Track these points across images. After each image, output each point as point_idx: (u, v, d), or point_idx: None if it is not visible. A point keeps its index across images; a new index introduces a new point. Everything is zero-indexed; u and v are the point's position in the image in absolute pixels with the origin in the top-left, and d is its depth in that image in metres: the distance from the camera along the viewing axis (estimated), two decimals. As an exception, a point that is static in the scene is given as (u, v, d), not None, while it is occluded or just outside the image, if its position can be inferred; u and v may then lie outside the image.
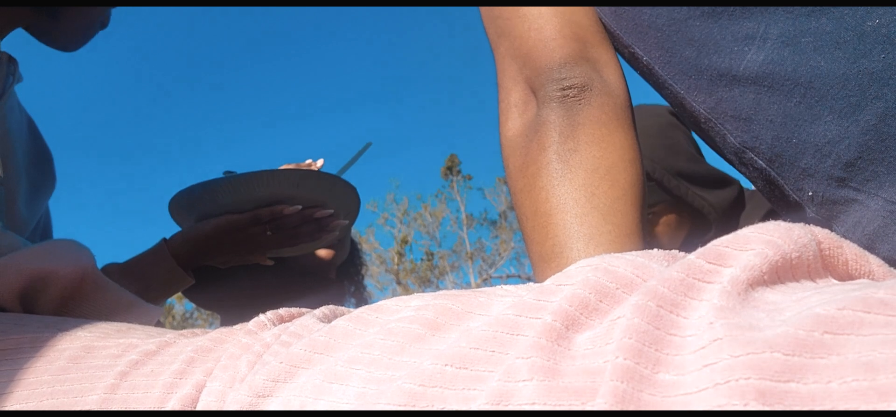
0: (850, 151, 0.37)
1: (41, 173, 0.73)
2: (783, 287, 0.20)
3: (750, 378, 0.16)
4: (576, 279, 0.22)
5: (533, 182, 0.45)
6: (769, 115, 0.40)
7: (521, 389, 0.19)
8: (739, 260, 0.20)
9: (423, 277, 15.74)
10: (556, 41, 0.46)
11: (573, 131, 0.44)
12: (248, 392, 0.24)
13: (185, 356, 0.29)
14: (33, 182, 0.70)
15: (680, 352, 0.18)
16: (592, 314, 0.21)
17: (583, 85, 0.45)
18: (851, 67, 0.37)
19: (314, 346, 0.25)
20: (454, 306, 0.24)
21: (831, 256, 0.21)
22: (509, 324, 0.21)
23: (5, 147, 0.62)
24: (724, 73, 0.42)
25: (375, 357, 0.23)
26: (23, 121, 0.70)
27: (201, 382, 0.28)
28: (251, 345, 0.28)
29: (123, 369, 0.30)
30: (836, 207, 0.40)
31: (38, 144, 0.74)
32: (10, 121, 0.65)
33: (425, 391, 0.20)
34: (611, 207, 0.42)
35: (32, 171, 0.70)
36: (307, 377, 0.24)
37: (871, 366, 0.15)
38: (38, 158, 0.73)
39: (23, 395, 0.31)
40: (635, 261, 0.22)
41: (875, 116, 0.36)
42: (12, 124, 0.66)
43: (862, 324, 0.16)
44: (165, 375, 0.29)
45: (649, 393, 0.17)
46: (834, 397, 0.15)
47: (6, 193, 0.61)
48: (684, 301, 0.19)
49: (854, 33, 0.37)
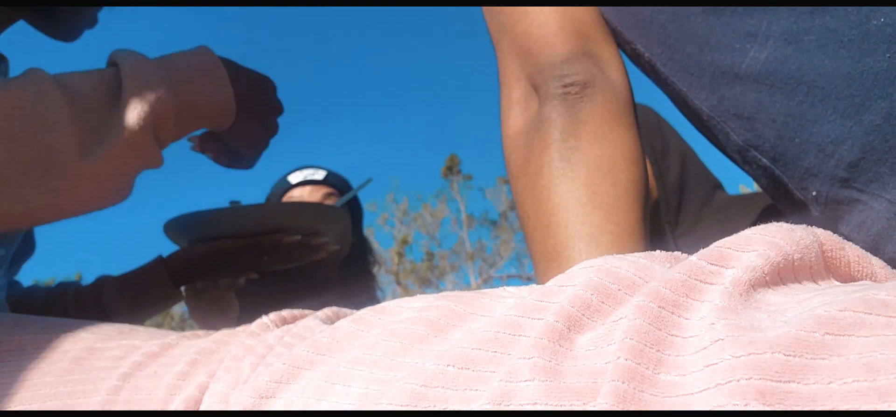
0: (853, 151, 0.37)
1: None
2: (785, 288, 0.20)
3: (751, 379, 0.16)
4: (578, 280, 0.22)
5: (534, 180, 0.45)
6: (772, 113, 0.40)
7: (523, 389, 0.19)
8: (741, 261, 0.20)
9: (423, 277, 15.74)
10: (558, 38, 0.46)
11: (575, 129, 0.44)
12: (250, 394, 0.24)
13: (188, 358, 0.30)
14: None
15: (681, 353, 0.18)
16: (594, 315, 0.21)
17: (585, 82, 0.45)
18: (855, 67, 0.37)
19: (317, 347, 0.25)
20: (457, 307, 0.24)
21: (833, 257, 0.21)
22: (511, 325, 0.21)
23: None
24: (727, 70, 0.41)
25: (378, 358, 0.23)
26: None
27: (204, 384, 0.28)
28: (254, 347, 0.28)
29: (126, 370, 0.30)
30: (840, 207, 0.39)
31: None
32: None
33: (427, 391, 0.20)
34: (613, 205, 0.42)
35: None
36: (310, 378, 0.24)
37: (871, 367, 0.15)
38: None
39: (26, 396, 0.31)
40: (637, 262, 0.22)
41: (879, 116, 0.36)
42: None
43: (863, 325, 0.16)
44: (168, 377, 0.29)
45: (650, 393, 0.17)
46: (835, 397, 0.15)
47: None
48: (686, 302, 0.19)
49: (858, 32, 0.37)
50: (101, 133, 0.45)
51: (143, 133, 0.47)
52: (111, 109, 0.46)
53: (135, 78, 0.47)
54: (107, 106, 0.46)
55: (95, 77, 0.47)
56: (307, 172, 1.29)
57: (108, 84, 0.47)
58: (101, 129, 0.45)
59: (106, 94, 0.47)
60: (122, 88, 0.47)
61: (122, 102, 0.46)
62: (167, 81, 0.49)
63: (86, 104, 0.45)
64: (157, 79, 0.49)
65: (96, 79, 0.47)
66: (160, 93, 0.48)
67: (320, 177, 1.29)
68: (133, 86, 0.47)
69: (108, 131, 0.45)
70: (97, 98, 0.46)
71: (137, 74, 0.48)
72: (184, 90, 0.51)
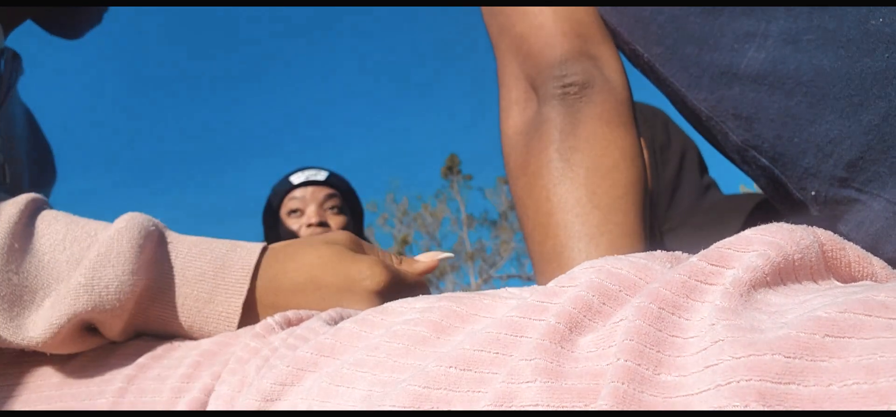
0: (852, 151, 0.37)
1: (41, 168, 0.72)
2: (785, 288, 0.20)
3: (751, 380, 0.16)
4: (579, 281, 0.22)
5: (534, 180, 0.45)
6: (770, 114, 0.40)
7: (525, 391, 0.19)
8: (742, 261, 0.20)
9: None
10: (557, 38, 0.46)
11: (574, 129, 0.44)
12: (255, 396, 0.24)
13: (191, 360, 0.30)
14: (34, 179, 0.70)
15: (682, 354, 0.18)
16: (595, 317, 0.21)
17: (584, 82, 0.45)
18: (854, 67, 0.37)
19: (320, 349, 0.25)
20: (459, 308, 0.24)
21: (834, 257, 0.22)
22: (513, 326, 0.21)
23: (10, 150, 0.62)
24: (725, 70, 0.42)
25: (381, 360, 0.23)
26: (23, 116, 0.70)
27: (209, 386, 0.28)
28: (259, 349, 0.28)
29: (131, 372, 0.30)
30: (839, 207, 0.39)
31: (37, 137, 0.73)
32: (14, 121, 0.65)
33: (430, 392, 0.20)
34: (612, 205, 0.42)
35: (33, 167, 0.70)
36: (314, 380, 0.24)
37: (871, 369, 0.15)
38: (38, 152, 0.72)
39: (31, 398, 0.31)
40: (638, 263, 0.22)
41: (878, 116, 0.36)
42: (16, 124, 0.66)
43: (863, 327, 0.16)
44: (172, 379, 0.29)
45: (650, 394, 0.17)
46: (834, 399, 0.15)
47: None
48: (686, 303, 0.19)
49: (857, 32, 0.37)
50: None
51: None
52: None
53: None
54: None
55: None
56: (309, 172, 1.29)
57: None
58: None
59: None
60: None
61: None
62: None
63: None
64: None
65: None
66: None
67: (322, 178, 1.29)
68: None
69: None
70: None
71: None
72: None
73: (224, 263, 0.35)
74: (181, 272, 0.34)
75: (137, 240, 0.33)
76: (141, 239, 0.33)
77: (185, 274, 0.34)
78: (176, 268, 0.34)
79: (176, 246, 0.35)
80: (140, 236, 0.33)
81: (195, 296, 0.34)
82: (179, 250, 0.35)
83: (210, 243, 0.36)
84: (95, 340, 0.34)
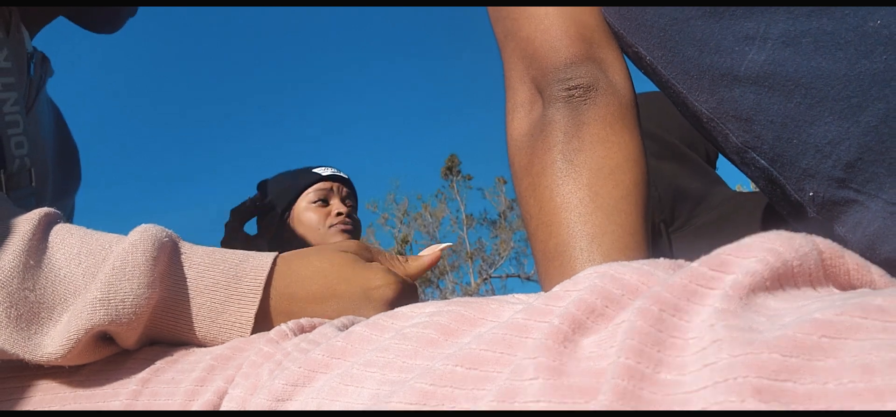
0: (850, 152, 0.38)
1: (67, 170, 0.71)
2: (784, 294, 0.20)
3: (748, 376, 0.16)
4: (583, 285, 0.22)
5: (538, 181, 0.45)
6: (770, 115, 0.41)
7: (527, 387, 0.19)
8: (742, 266, 0.20)
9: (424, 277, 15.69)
10: (562, 41, 0.46)
11: (578, 131, 0.45)
12: (267, 397, 0.25)
13: (205, 364, 0.30)
14: (59, 180, 0.69)
15: (681, 353, 0.19)
16: (599, 319, 0.21)
17: (588, 85, 0.45)
18: (852, 68, 0.37)
19: (332, 351, 0.26)
20: (467, 312, 0.24)
21: (833, 265, 0.22)
22: (518, 327, 0.22)
23: (37, 153, 0.61)
24: (726, 73, 0.42)
25: (390, 360, 0.24)
26: (51, 116, 0.69)
27: (222, 389, 0.28)
28: (272, 354, 0.29)
29: (145, 376, 0.31)
30: (836, 207, 0.40)
31: (64, 137, 0.72)
32: (42, 123, 0.65)
33: (436, 390, 0.21)
34: (615, 206, 0.43)
35: (58, 170, 0.69)
36: (325, 380, 0.24)
37: (867, 369, 0.15)
38: (65, 153, 0.71)
39: (46, 399, 0.32)
40: (641, 269, 0.22)
41: (876, 117, 0.36)
42: (44, 126, 0.65)
43: (859, 329, 0.17)
44: (186, 382, 0.29)
45: (650, 392, 0.18)
46: (830, 397, 0.15)
47: (36, 201, 0.60)
48: (687, 306, 0.20)
49: (856, 34, 0.37)
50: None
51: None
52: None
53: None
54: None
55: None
56: (332, 169, 1.31)
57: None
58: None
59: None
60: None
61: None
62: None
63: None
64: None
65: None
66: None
67: (346, 177, 1.32)
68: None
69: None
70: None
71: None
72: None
73: (237, 272, 0.35)
74: (195, 283, 0.34)
75: (152, 252, 0.33)
76: (155, 251, 0.33)
77: (199, 285, 0.34)
78: (190, 279, 0.34)
79: (189, 257, 0.35)
80: (154, 248, 0.33)
81: (209, 306, 0.34)
82: (193, 261, 0.35)
83: (223, 253, 0.36)
84: (111, 349, 0.34)
